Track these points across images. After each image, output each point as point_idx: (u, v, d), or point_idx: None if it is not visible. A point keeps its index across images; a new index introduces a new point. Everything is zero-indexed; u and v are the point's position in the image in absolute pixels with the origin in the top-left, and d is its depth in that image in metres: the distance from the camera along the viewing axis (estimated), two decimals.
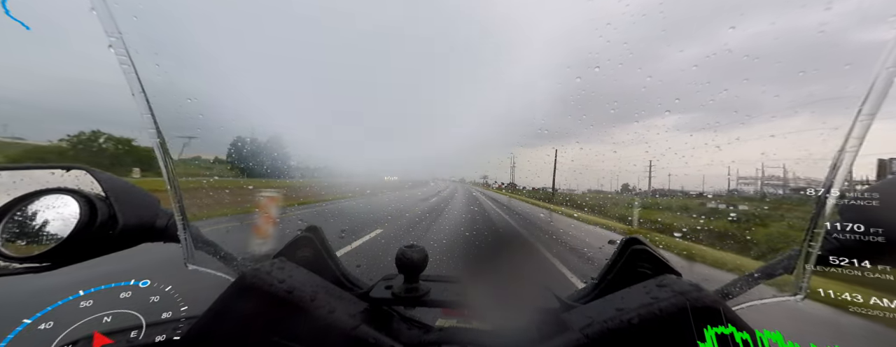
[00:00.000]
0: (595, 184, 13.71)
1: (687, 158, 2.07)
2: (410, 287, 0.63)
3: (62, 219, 0.64)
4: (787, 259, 0.65)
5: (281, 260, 0.63)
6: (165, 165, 0.65)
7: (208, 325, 0.52)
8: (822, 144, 0.57)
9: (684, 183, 12.55)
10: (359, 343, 0.49)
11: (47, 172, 0.70)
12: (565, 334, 0.48)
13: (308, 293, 0.53)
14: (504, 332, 0.59)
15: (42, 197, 0.65)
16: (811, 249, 0.59)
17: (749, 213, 3.81)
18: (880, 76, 0.49)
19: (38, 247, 0.62)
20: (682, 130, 1.98)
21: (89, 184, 0.71)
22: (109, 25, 0.55)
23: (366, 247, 4.67)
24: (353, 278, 0.78)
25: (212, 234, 0.76)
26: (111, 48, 0.56)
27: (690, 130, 2.05)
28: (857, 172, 0.56)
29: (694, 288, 0.50)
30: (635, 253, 0.73)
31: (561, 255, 4.38)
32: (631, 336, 0.46)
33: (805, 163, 0.66)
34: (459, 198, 13.76)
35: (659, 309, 0.47)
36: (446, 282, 0.68)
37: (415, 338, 0.58)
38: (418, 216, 7.76)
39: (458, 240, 3.27)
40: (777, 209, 2.49)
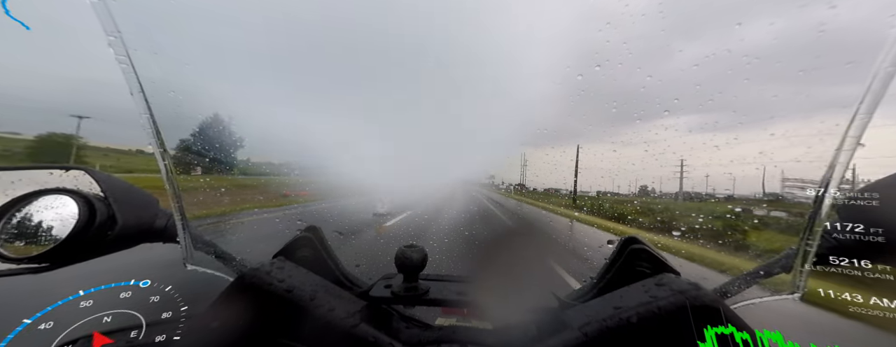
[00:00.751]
0: (600, 186, 13.47)
1: (691, 157, 2.06)
2: (410, 286, 0.63)
3: (61, 220, 0.64)
4: (785, 258, 0.65)
5: (280, 259, 0.63)
6: (164, 165, 0.65)
7: (208, 325, 0.52)
8: (820, 143, 0.57)
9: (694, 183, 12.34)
10: (358, 342, 0.49)
11: (46, 172, 0.70)
12: (564, 332, 0.48)
13: (307, 292, 0.53)
14: (503, 330, 0.59)
15: (41, 198, 0.65)
16: (809, 248, 0.60)
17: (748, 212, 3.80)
18: (878, 75, 0.49)
19: (38, 248, 0.62)
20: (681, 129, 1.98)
21: (88, 185, 0.71)
22: (109, 24, 0.55)
23: (365, 247, 4.66)
24: (352, 277, 0.78)
25: (211, 234, 0.76)
26: (110, 47, 0.56)
27: (689, 129, 2.06)
28: (859, 172, 0.57)
29: (693, 287, 0.50)
30: (634, 253, 0.73)
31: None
32: (630, 334, 0.46)
33: (803, 162, 0.66)
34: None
35: (658, 308, 0.47)
36: (445, 281, 0.69)
37: (414, 337, 0.58)
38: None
39: (458, 240, 3.26)
40: (776, 208, 2.49)
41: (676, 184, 13.73)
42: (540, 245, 0.61)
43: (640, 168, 9.87)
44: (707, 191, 7.95)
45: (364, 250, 3.65)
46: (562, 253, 4.15)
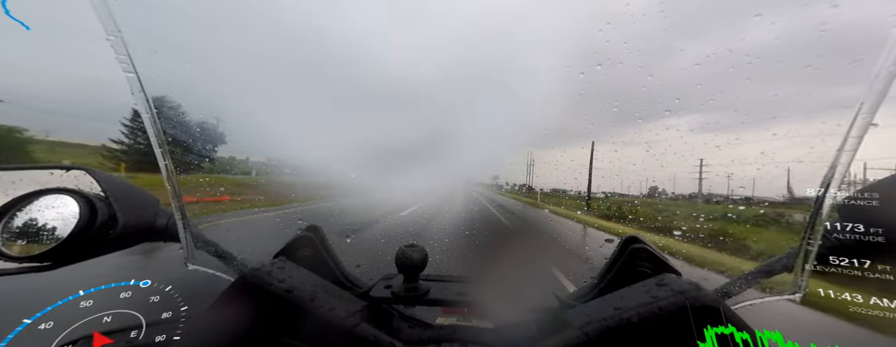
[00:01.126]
0: (601, 186, 13.27)
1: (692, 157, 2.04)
2: (410, 286, 0.63)
3: (62, 219, 0.64)
4: (786, 258, 0.65)
5: (281, 259, 0.63)
6: (165, 164, 0.65)
7: (208, 325, 0.52)
8: (821, 143, 0.57)
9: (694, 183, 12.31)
10: (359, 341, 0.49)
11: (47, 172, 0.70)
12: (565, 332, 0.48)
13: (308, 292, 0.53)
14: (503, 330, 0.59)
15: (42, 197, 0.65)
16: (810, 248, 0.60)
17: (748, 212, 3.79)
18: (879, 75, 0.49)
19: (38, 247, 0.62)
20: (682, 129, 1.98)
21: (89, 184, 0.71)
22: (109, 23, 0.55)
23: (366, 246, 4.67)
24: (352, 278, 0.78)
25: (212, 234, 0.76)
26: (111, 47, 0.56)
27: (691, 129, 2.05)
28: (856, 171, 0.56)
29: (693, 287, 0.50)
30: (635, 253, 0.73)
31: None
32: (630, 334, 0.46)
33: (805, 163, 0.66)
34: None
35: (658, 308, 0.47)
36: (446, 281, 0.69)
37: (414, 336, 0.58)
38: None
39: (458, 239, 3.26)
40: (777, 208, 2.48)
41: (679, 185, 13.66)
42: (540, 245, 0.61)
43: (642, 168, 9.83)
44: (708, 191, 7.93)
45: (364, 249, 3.66)
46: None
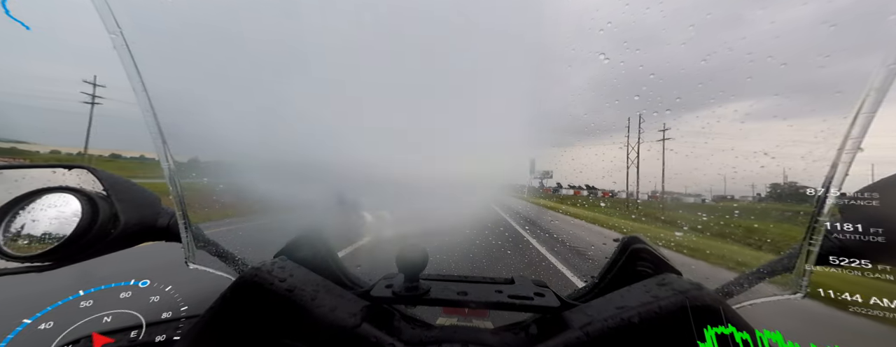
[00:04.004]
0: (604, 186, 12.88)
1: (692, 156, 2.05)
2: (411, 286, 0.63)
3: (64, 218, 0.64)
4: (787, 258, 0.65)
5: (281, 259, 0.63)
6: (167, 164, 0.65)
7: (208, 325, 0.52)
8: (822, 143, 0.57)
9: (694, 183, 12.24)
10: (360, 341, 0.49)
11: (49, 171, 0.70)
12: (565, 332, 0.48)
13: (309, 292, 0.53)
14: (504, 330, 0.59)
15: (44, 196, 0.65)
16: (811, 248, 0.60)
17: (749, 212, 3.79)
18: (881, 75, 0.49)
19: (40, 246, 0.62)
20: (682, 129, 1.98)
21: (91, 183, 0.71)
22: (110, 23, 0.55)
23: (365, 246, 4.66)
24: (353, 277, 0.78)
25: (212, 234, 0.76)
26: (113, 47, 0.56)
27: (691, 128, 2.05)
28: (857, 171, 0.56)
29: (694, 287, 0.50)
30: (635, 252, 0.73)
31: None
32: (631, 334, 0.46)
33: (805, 163, 0.66)
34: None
35: (659, 308, 0.47)
36: (446, 281, 0.69)
37: (415, 336, 0.58)
38: None
39: (459, 239, 3.26)
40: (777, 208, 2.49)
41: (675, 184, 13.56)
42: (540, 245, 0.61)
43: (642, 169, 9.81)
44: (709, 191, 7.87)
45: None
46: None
